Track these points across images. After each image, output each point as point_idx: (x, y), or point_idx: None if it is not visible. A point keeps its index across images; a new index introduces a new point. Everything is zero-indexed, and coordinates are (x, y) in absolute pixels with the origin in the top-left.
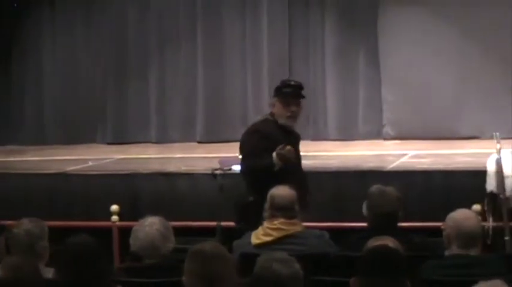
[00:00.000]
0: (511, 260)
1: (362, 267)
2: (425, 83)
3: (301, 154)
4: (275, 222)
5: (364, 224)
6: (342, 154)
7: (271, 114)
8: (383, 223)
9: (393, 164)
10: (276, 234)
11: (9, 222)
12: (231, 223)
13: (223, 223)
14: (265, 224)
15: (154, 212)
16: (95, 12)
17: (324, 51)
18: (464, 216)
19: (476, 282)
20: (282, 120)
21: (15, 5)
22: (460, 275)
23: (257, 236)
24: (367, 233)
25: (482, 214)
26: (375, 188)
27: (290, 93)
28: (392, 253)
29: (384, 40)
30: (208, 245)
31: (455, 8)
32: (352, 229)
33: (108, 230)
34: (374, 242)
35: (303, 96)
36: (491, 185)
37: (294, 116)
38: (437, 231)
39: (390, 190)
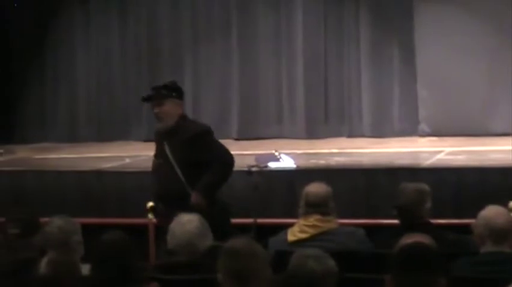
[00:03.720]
0: None
1: (397, 264)
2: (460, 80)
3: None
4: (310, 219)
5: (397, 221)
6: (376, 151)
7: None
8: (405, 218)
9: (428, 161)
10: (311, 231)
11: (44, 219)
12: (266, 220)
13: (259, 220)
14: (301, 221)
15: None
16: (128, 9)
17: (359, 48)
18: (495, 213)
19: (511, 279)
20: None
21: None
22: (494, 272)
23: (293, 233)
24: (400, 230)
25: None
26: (402, 184)
27: (148, 96)
28: (428, 249)
29: (420, 36)
30: (241, 242)
31: (491, 5)
32: (385, 226)
33: (143, 228)
34: (407, 239)
35: (161, 95)
36: None
37: (158, 117)
38: None
39: (411, 185)
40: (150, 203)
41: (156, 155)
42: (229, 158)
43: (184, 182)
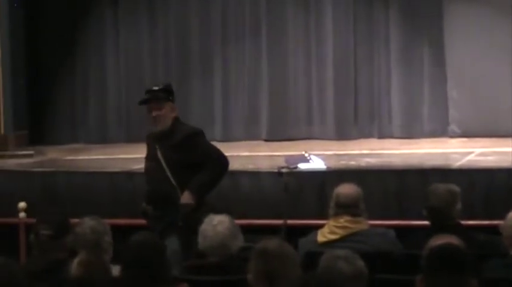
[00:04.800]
0: None
1: (428, 265)
2: (491, 80)
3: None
4: (340, 220)
5: (428, 222)
6: (407, 152)
7: None
8: (436, 219)
9: (459, 162)
10: (341, 232)
11: (74, 220)
12: (296, 221)
13: (289, 221)
14: (331, 222)
15: (217, 210)
16: (157, 10)
17: (389, 48)
18: None
19: None
20: (151, 127)
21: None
22: None
23: (323, 234)
24: (431, 231)
25: None
26: (432, 186)
27: (146, 99)
28: (459, 250)
29: (450, 37)
30: (272, 243)
31: None
32: (416, 227)
33: None
34: (436, 240)
35: (160, 97)
36: None
37: (156, 121)
38: None
39: (442, 186)
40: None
41: (147, 158)
42: (222, 159)
43: (175, 185)
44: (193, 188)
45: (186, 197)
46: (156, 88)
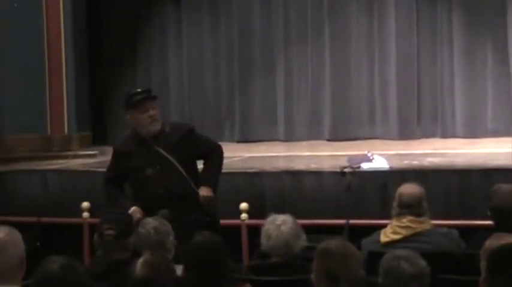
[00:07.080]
0: None
1: (489, 266)
2: None
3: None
4: (403, 220)
5: (491, 222)
6: (470, 152)
7: (133, 130)
8: (500, 219)
9: None
10: (404, 232)
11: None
12: (359, 221)
13: (351, 221)
14: (394, 222)
15: (280, 210)
16: (220, 10)
17: (452, 48)
18: None
19: None
20: (144, 129)
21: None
22: None
23: (385, 234)
24: (495, 231)
25: None
26: (496, 185)
27: (143, 98)
28: None
29: None
30: (335, 243)
31: None
32: (480, 227)
33: (237, 228)
34: (494, 240)
35: (156, 96)
36: None
37: (154, 120)
38: None
39: (505, 186)
40: (244, 204)
41: (142, 166)
42: (220, 147)
43: (189, 181)
44: (210, 180)
45: (205, 191)
46: (148, 88)
